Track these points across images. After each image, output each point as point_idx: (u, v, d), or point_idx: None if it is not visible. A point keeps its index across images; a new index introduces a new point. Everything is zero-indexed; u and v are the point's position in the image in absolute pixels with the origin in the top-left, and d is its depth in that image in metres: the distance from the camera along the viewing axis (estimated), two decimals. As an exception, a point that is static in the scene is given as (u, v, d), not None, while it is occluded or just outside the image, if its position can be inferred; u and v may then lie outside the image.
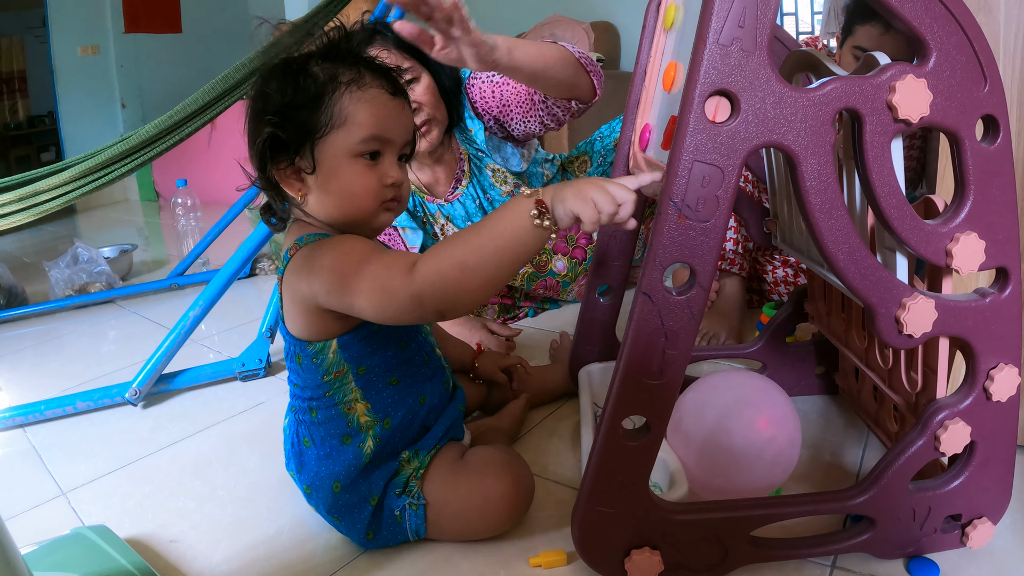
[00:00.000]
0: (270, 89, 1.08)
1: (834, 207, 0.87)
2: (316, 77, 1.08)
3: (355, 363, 1.14)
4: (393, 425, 1.16)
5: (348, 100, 1.08)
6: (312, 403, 1.16)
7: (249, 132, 1.11)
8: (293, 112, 1.07)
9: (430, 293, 0.95)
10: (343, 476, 1.15)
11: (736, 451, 1.13)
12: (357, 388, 1.15)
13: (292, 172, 1.10)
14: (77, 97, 6.51)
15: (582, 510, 0.99)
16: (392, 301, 0.97)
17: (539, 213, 0.93)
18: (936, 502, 1.02)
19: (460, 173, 2.08)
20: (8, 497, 1.48)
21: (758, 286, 2.13)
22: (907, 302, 0.91)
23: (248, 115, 1.12)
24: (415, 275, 0.95)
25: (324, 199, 1.11)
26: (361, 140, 1.08)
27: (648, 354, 0.91)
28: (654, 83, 1.23)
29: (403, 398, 1.17)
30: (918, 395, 1.09)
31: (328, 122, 1.07)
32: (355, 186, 1.09)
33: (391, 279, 0.97)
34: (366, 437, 1.15)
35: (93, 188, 2.18)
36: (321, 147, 1.08)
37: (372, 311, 1.00)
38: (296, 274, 1.08)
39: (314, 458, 1.17)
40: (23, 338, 2.67)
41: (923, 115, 0.86)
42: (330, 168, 1.09)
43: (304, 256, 1.08)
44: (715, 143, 0.84)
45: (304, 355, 1.14)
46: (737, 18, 0.81)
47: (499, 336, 1.90)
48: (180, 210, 3.56)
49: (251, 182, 1.16)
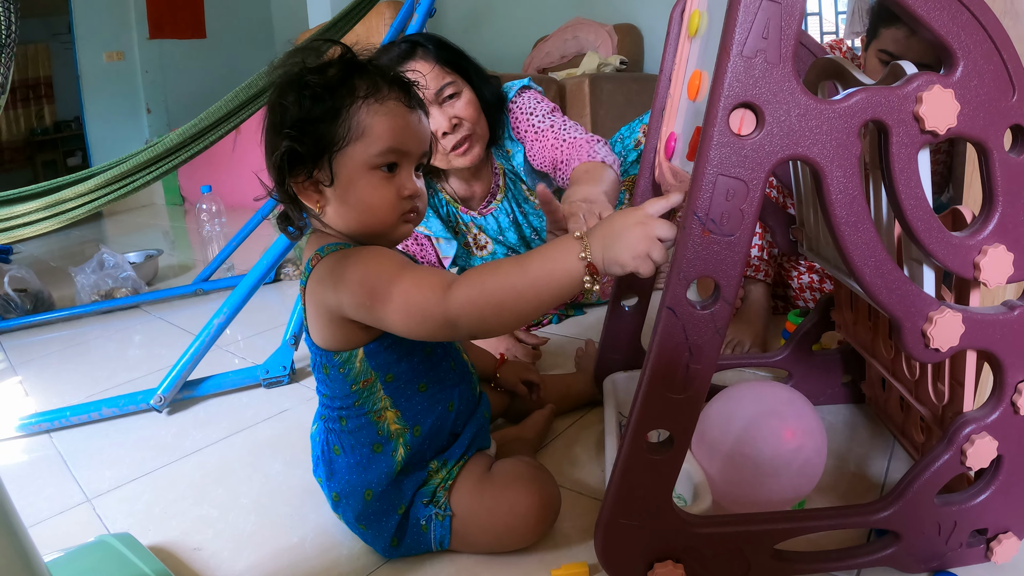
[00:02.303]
0: (287, 101, 1.08)
1: (860, 220, 0.86)
2: (334, 89, 1.08)
3: (382, 371, 1.14)
4: (423, 432, 1.16)
5: (366, 113, 1.08)
6: (342, 412, 1.16)
7: (267, 144, 1.11)
8: (311, 125, 1.07)
9: (465, 321, 0.97)
10: (375, 484, 1.15)
11: (762, 462, 1.12)
12: (386, 396, 1.14)
13: (310, 184, 1.10)
14: (103, 102, 6.57)
15: (605, 523, 0.98)
16: (426, 321, 0.99)
17: (591, 276, 0.94)
18: (962, 516, 1.00)
19: (495, 188, 2.08)
20: (33, 503, 1.49)
21: (783, 292, 2.12)
22: (934, 316, 0.90)
23: (265, 127, 1.12)
24: (450, 300, 0.96)
25: (343, 211, 1.11)
26: (379, 153, 1.08)
27: (672, 368, 0.90)
28: (679, 91, 1.22)
29: (432, 405, 1.17)
30: (944, 407, 1.08)
31: (346, 135, 1.07)
32: (373, 199, 1.10)
33: (425, 300, 0.98)
34: (397, 445, 1.15)
35: (119, 195, 2.20)
36: (339, 159, 1.08)
37: (403, 328, 1.01)
38: (321, 284, 1.08)
39: (344, 466, 1.17)
40: (49, 343, 2.69)
41: (950, 126, 0.85)
42: (348, 180, 1.09)
43: (328, 267, 1.08)
44: (739, 156, 0.83)
45: (331, 365, 1.14)
46: (761, 29, 0.80)
47: (526, 344, 1.90)
48: (205, 216, 3.58)
49: (268, 193, 1.16)
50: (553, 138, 1.96)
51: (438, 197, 2.07)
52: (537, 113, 2.00)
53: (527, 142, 2.01)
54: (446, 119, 1.82)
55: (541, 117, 2.00)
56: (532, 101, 2.02)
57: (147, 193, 6.56)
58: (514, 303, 0.96)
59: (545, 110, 2.01)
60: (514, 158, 2.04)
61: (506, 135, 2.04)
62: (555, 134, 1.96)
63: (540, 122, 1.99)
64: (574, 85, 4.10)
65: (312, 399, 1.86)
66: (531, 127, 1.99)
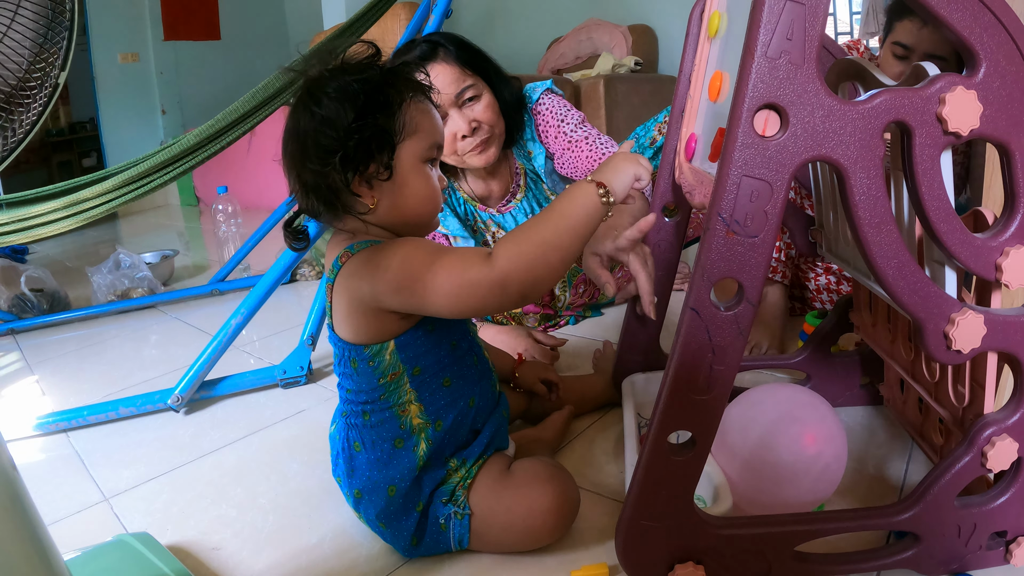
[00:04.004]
0: (343, 104, 1.09)
1: (884, 222, 0.86)
2: (383, 88, 1.12)
3: (411, 364, 1.15)
4: (445, 427, 1.16)
5: (415, 110, 1.13)
6: (366, 407, 1.17)
7: (319, 146, 1.10)
8: (371, 121, 1.09)
9: (514, 275, 1.01)
10: (399, 480, 1.15)
11: (782, 466, 1.12)
12: (412, 389, 1.15)
13: (362, 180, 1.12)
14: (118, 104, 6.59)
15: (626, 524, 0.98)
16: (474, 291, 1.02)
17: (604, 192, 1.05)
18: (982, 519, 1.00)
19: (515, 188, 2.08)
20: (52, 501, 1.50)
21: (800, 293, 2.12)
22: (956, 317, 0.90)
23: (311, 129, 1.10)
24: (495, 262, 1.01)
25: (399, 203, 1.14)
26: (429, 147, 1.15)
27: (695, 369, 0.90)
28: (699, 92, 1.22)
29: (455, 400, 1.18)
30: (965, 410, 1.07)
31: (401, 130, 1.11)
32: (428, 190, 1.16)
33: (469, 270, 1.02)
34: (419, 440, 1.15)
35: (136, 195, 2.21)
36: (397, 154, 1.12)
37: (450, 303, 1.04)
38: (354, 277, 1.10)
39: (365, 462, 1.17)
40: (66, 342, 2.70)
41: (973, 127, 0.85)
42: (405, 174, 1.13)
43: (362, 260, 1.09)
44: (764, 157, 0.83)
45: (360, 359, 1.15)
46: (785, 30, 0.80)
47: (544, 345, 1.90)
48: (221, 216, 3.58)
49: (302, 209, 1.19)
50: (588, 150, 1.98)
51: (455, 196, 2.07)
52: (569, 121, 2.02)
53: (558, 149, 2.01)
54: (465, 122, 1.82)
55: (574, 127, 2.01)
56: (561, 107, 2.03)
57: (162, 194, 6.58)
58: (554, 237, 1.02)
59: (576, 119, 2.03)
60: (535, 159, 2.04)
61: (529, 136, 2.04)
62: (590, 147, 1.99)
63: (573, 132, 2.01)
64: (589, 86, 4.10)
65: (330, 399, 1.86)
66: (563, 135, 2.01)
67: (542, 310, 2.17)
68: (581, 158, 1.98)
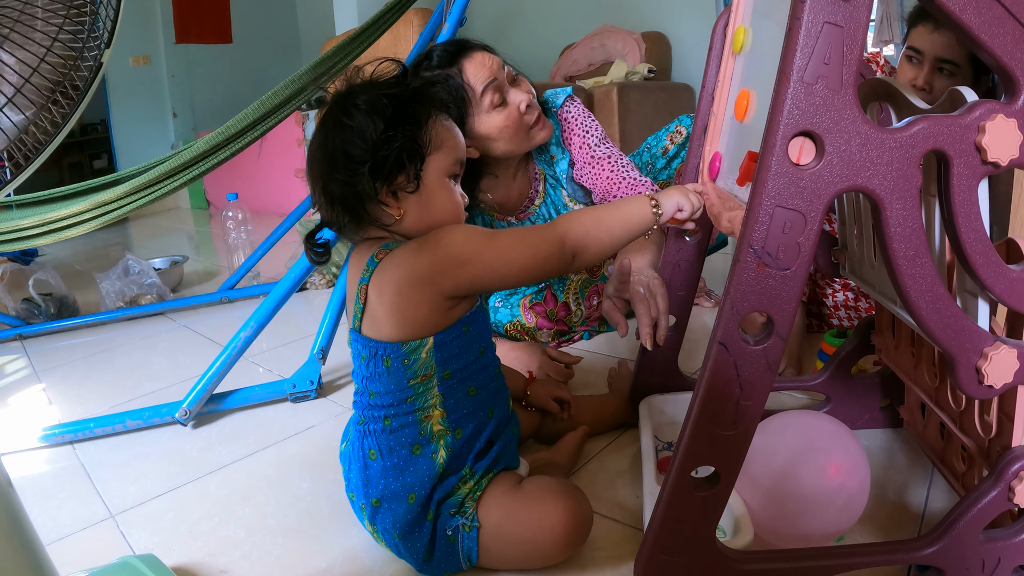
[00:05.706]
0: (372, 116, 1.13)
1: (919, 254, 0.83)
2: (411, 103, 1.17)
3: (443, 366, 1.16)
4: (464, 436, 1.17)
5: (440, 126, 1.19)
6: (389, 411, 1.16)
7: (348, 157, 1.13)
8: (401, 134, 1.13)
9: (572, 234, 1.17)
10: (418, 487, 1.15)
11: (805, 497, 1.09)
12: (439, 394, 1.16)
13: (389, 191, 1.15)
14: (129, 106, 6.61)
15: (646, 557, 0.96)
16: (543, 245, 1.16)
17: (656, 204, 1.23)
18: (1006, 552, 0.98)
19: (534, 193, 2.06)
20: (57, 517, 1.48)
21: (817, 310, 2.09)
22: (989, 352, 0.88)
23: (340, 140, 1.14)
24: (556, 224, 1.18)
25: (424, 216, 1.18)
26: (453, 162, 1.21)
27: (722, 404, 0.88)
28: (723, 109, 1.20)
29: (476, 410, 1.19)
30: (991, 441, 1.05)
31: (428, 144, 1.16)
32: (452, 203, 1.21)
33: (533, 233, 1.19)
34: (438, 447, 1.16)
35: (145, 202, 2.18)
36: (425, 167, 1.16)
37: (516, 259, 1.16)
38: (398, 267, 1.13)
39: (380, 470, 1.16)
40: (74, 349, 2.69)
41: (1012, 157, 0.82)
42: (431, 187, 1.18)
43: (412, 247, 1.15)
44: (798, 187, 0.80)
45: (395, 356, 1.15)
46: (823, 54, 0.77)
47: (558, 362, 1.87)
48: (231, 223, 3.57)
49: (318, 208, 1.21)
50: (610, 171, 1.98)
51: (473, 211, 2.05)
52: (593, 135, 2.02)
53: (579, 160, 2.01)
54: (523, 94, 1.84)
55: (597, 142, 2.01)
56: (585, 117, 2.03)
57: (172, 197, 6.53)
58: (608, 221, 1.21)
59: (599, 134, 2.03)
60: (558, 164, 2.03)
61: (554, 140, 2.03)
62: (612, 167, 1.98)
63: (597, 147, 2.00)
64: (602, 93, 4.08)
65: (340, 415, 1.84)
66: (587, 147, 2.00)
67: (556, 326, 2.14)
68: (602, 177, 1.96)
